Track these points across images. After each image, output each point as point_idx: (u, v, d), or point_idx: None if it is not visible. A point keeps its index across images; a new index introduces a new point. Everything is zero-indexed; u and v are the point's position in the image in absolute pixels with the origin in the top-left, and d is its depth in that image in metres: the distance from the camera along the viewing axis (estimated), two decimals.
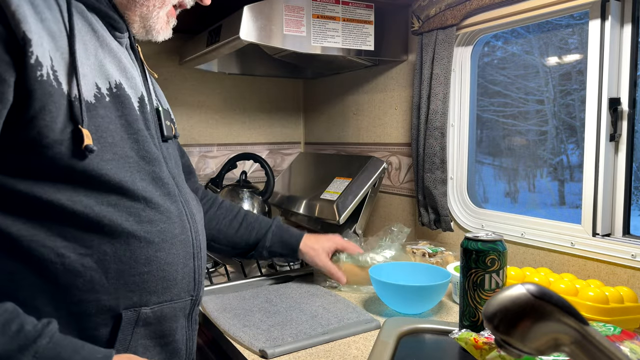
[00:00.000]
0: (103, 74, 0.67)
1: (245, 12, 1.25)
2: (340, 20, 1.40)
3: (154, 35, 0.76)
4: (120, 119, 0.67)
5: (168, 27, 0.77)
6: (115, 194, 0.66)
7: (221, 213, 1.10)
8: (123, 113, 0.68)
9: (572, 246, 1.12)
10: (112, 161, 0.65)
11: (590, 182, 1.10)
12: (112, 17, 0.71)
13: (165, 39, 0.78)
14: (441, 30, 1.33)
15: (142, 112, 0.71)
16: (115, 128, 0.66)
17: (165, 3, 0.74)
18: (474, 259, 0.83)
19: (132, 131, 0.68)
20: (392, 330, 0.88)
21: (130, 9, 0.72)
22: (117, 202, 0.66)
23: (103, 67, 0.67)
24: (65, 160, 0.61)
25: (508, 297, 0.44)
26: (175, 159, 0.83)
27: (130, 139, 0.68)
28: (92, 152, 0.62)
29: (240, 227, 1.10)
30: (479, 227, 1.35)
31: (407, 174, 1.59)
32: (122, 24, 0.73)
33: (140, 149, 0.69)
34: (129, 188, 0.67)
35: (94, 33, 0.67)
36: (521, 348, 0.44)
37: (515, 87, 1.53)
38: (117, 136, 0.66)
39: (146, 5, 0.72)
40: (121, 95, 0.68)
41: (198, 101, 1.89)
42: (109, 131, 0.65)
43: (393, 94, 1.63)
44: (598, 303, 0.89)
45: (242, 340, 0.87)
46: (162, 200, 0.71)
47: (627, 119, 1.06)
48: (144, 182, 0.69)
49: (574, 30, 1.32)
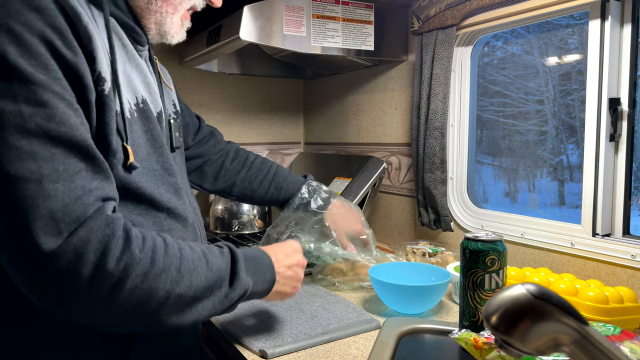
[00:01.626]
0: (131, 89, 0.69)
1: (245, 12, 1.25)
2: (340, 20, 1.40)
3: (168, 39, 0.78)
4: (146, 134, 0.70)
5: (182, 30, 0.79)
6: (144, 205, 0.69)
7: (252, 174, 1.14)
8: (148, 128, 0.71)
9: (572, 246, 1.12)
10: (144, 175, 0.68)
11: (590, 182, 1.10)
12: (137, 31, 0.73)
13: (179, 41, 0.80)
14: (441, 31, 1.33)
15: (160, 126, 0.75)
16: (144, 142, 0.69)
17: (177, 9, 0.76)
18: (473, 259, 0.83)
19: (156, 145, 0.72)
20: (392, 330, 0.88)
21: (145, 17, 0.74)
22: (145, 212, 0.69)
23: (131, 82, 0.69)
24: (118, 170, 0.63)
25: (508, 297, 0.44)
26: (182, 167, 0.88)
27: (156, 153, 0.71)
28: (135, 169, 0.65)
29: (270, 187, 1.14)
30: (479, 227, 1.35)
31: (407, 174, 1.59)
32: (144, 37, 0.76)
33: (164, 162, 0.73)
34: (157, 199, 0.70)
35: (124, 48, 0.70)
36: (521, 348, 0.44)
37: (515, 87, 1.53)
38: (145, 150, 0.69)
39: (160, 12, 0.74)
40: (146, 111, 0.71)
41: (198, 101, 1.89)
42: (140, 146, 0.68)
43: (393, 94, 1.63)
44: (598, 303, 0.89)
45: (242, 340, 0.87)
46: (181, 210, 0.75)
47: (627, 119, 1.06)
48: (169, 194, 0.72)
49: (574, 30, 1.32)
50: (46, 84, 0.53)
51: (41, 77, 0.53)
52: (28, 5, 0.53)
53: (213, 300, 0.64)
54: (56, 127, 0.53)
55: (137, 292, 0.55)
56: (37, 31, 0.53)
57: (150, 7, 0.73)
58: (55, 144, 0.53)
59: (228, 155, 1.15)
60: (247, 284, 0.68)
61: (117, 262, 0.53)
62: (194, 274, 0.61)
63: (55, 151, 0.53)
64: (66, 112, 0.55)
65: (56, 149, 0.53)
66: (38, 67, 0.53)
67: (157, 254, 0.58)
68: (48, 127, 0.53)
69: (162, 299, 0.58)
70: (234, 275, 0.67)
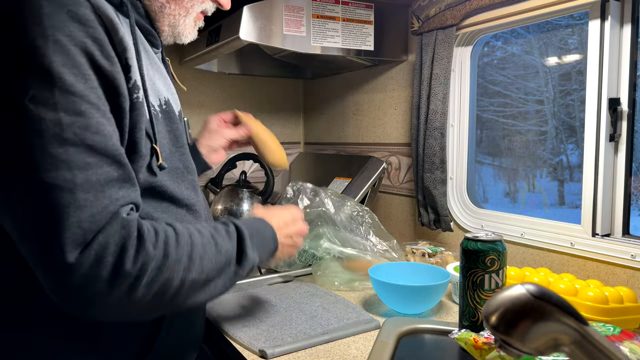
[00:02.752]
0: (155, 91, 0.71)
1: (245, 12, 1.25)
2: (340, 20, 1.40)
3: (182, 39, 0.81)
4: (170, 134, 0.73)
5: (194, 31, 0.82)
6: (167, 202, 0.71)
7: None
8: (171, 128, 0.73)
9: (572, 246, 1.12)
10: (167, 174, 0.71)
11: (589, 182, 1.10)
12: (153, 34, 0.76)
13: (192, 40, 0.82)
14: (441, 31, 1.33)
15: (181, 125, 0.78)
16: (167, 142, 0.72)
17: (189, 11, 0.78)
18: (473, 259, 0.83)
19: (179, 144, 0.74)
20: (391, 330, 0.88)
21: (159, 20, 0.76)
22: (168, 209, 0.71)
23: (154, 85, 0.71)
24: (142, 173, 0.65)
25: (508, 297, 0.44)
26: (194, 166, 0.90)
27: (178, 152, 0.74)
28: (164, 169, 0.68)
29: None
30: (479, 227, 1.35)
31: (406, 174, 1.59)
32: (159, 40, 0.78)
33: (186, 160, 0.76)
34: (179, 197, 0.73)
35: (146, 52, 0.72)
36: (521, 348, 0.44)
37: (515, 87, 1.53)
38: (168, 150, 0.71)
39: (173, 14, 0.76)
40: (170, 111, 0.74)
41: (198, 101, 1.89)
42: (164, 146, 0.70)
43: (393, 94, 1.63)
44: (598, 303, 0.89)
45: (242, 340, 0.87)
46: (198, 206, 0.78)
47: (626, 119, 1.06)
48: (188, 190, 0.75)
49: (573, 30, 1.32)
50: (84, 94, 0.55)
51: (80, 87, 0.55)
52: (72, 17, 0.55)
53: (224, 278, 0.67)
54: (92, 137, 0.55)
55: (154, 285, 0.58)
56: (79, 42, 0.55)
57: (163, 11, 0.75)
58: (90, 153, 0.55)
59: None
60: (254, 260, 0.72)
61: (134, 261, 0.56)
62: (205, 258, 0.64)
63: (90, 160, 0.54)
64: (101, 121, 0.56)
65: (91, 158, 0.55)
66: (78, 76, 0.55)
67: (169, 246, 0.60)
68: (84, 136, 0.54)
69: (177, 286, 0.60)
70: (242, 254, 0.70)
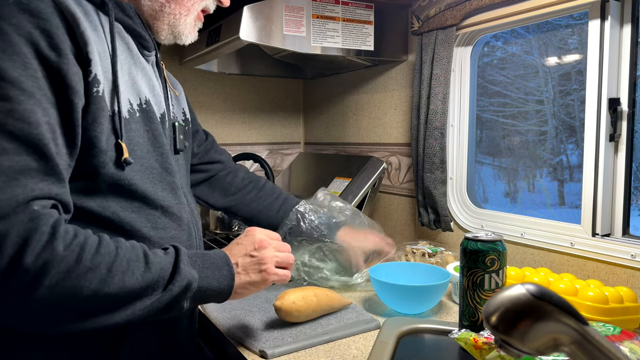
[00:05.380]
0: (135, 90, 0.71)
1: (245, 12, 1.25)
2: (340, 21, 1.40)
3: (182, 39, 0.80)
4: (148, 133, 0.73)
5: (194, 31, 0.82)
6: (138, 202, 0.70)
7: (263, 194, 1.12)
8: (150, 128, 0.73)
9: (572, 246, 1.12)
10: (140, 172, 0.70)
11: (589, 182, 1.10)
12: (144, 37, 0.76)
13: (192, 41, 0.82)
14: (441, 31, 1.33)
15: (163, 127, 0.77)
16: (144, 141, 0.71)
17: (190, 10, 0.78)
18: (473, 259, 0.83)
19: (157, 145, 0.74)
20: (392, 330, 0.88)
21: (158, 19, 0.77)
22: (139, 209, 0.71)
23: (135, 84, 0.72)
24: (105, 170, 0.65)
25: (508, 297, 0.44)
26: (185, 170, 0.89)
27: (156, 152, 0.74)
28: (129, 164, 0.67)
29: (281, 208, 1.11)
30: (479, 227, 1.35)
31: (406, 174, 1.59)
32: (151, 43, 0.78)
33: (164, 161, 0.75)
34: (151, 197, 0.72)
35: (129, 52, 0.72)
36: (521, 348, 0.44)
37: (515, 87, 1.53)
38: (144, 149, 0.71)
39: (173, 14, 0.77)
40: (149, 111, 0.73)
41: (198, 101, 1.89)
42: (139, 145, 0.70)
43: (393, 94, 1.63)
44: (598, 303, 0.89)
45: (242, 340, 0.87)
46: (177, 209, 0.77)
47: (626, 119, 1.06)
48: (165, 192, 0.74)
49: (573, 30, 1.32)
50: (17, 80, 0.55)
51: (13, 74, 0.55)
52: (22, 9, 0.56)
53: (151, 298, 0.62)
54: (13, 122, 0.54)
55: (57, 289, 0.54)
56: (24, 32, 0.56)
57: (163, 10, 0.76)
58: (8, 139, 0.54)
59: (237, 175, 1.12)
60: (190, 277, 0.65)
61: (36, 258, 0.52)
62: (128, 273, 0.60)
63: (7, 146, 0.54)
64: (30, 109, 0.55)
65: (8, 144, 0.54)
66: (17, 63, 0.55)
67: (85, 252, 0.57)
68: (5, 121, 0.54)
69: (88, 297, 0.56)
70: (175, 269, 0.65)
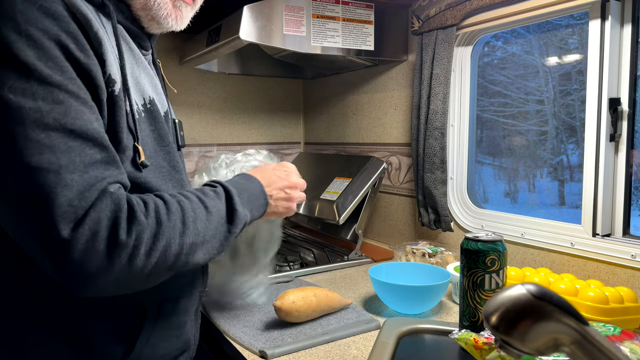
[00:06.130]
0: (139, 90, 0.72)
1: (245, 12, 1.25)
2: (340, 20, 1.40)
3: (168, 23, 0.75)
4: (154, 133, 0.74)
5: (179, 12, 0.76)
6: None
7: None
8: (156, 127, 0.74)
9: (572, 246, 1.12)
10: (152, 171, 0.72)
11: (590, 182, 1.10)
12: (141, 36, 0.77)
13: (181, 27, 0.78)
14: (441, 30, 1.33)
15: (167, 125, 0.78)
16: (151, 141, 0.73)
17: None
18: (474, 259, 0.83)
19: (164, 143, 0.75)
20: (392, 330, 0.88)
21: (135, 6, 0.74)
22: None
23: (139, 84, 0.73)
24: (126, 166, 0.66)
25: (508, 297, 0.44)
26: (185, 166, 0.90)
27: (163, 151, 0.75)
28: (146, 167, 0.69)
29: None
30: (479, 227, 1.35)
31: (407, 174, 1.59)
32: (148, 42, 0.79)
33: (171, 159, 0.76)
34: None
35: (131, 52, 0.73)
36: (521, 348, 0.44)
37: (515, 87, 1.53)
38: (152, 148, 0.73)
39: None
40: (154, 111, 0.74)
41: (198, 101, 1.89)
42: (147, 144, 0.72)
43: (393, 94, 1.63)
44: (598, 303, 0.89)
45: (242, 340, 0.87)
46: None
47: (627, 119, 1.06)
48: (175, 190, 0.76)
49: (574, 30, 1.32)
50: (61, 84, 0.57)
51: (57, 78, 0.57)
52: (45, 13, 0.58)
53: (219, 237, 0.69)
54: (72, 122, 0.57)
55: (153, 252, 0.60)
56: (53, 36, 0.58)
57: None
58: (71, 137, 0.57)
59: None
60: (245, 217, 0.74)
61: (129, 232, 0.58)
62: (198, 221, 0.66)
63: (72, 144, 0.57)
64: (80, 108, 0.59)
65: (73, 142, 0.57)
66: (54, 68, 0.57)
67: (160, 214, 0.62)
68: (65, 121, 0.57)
69: (176, 251, 0.62)
70: (233, 212, 0.71)
